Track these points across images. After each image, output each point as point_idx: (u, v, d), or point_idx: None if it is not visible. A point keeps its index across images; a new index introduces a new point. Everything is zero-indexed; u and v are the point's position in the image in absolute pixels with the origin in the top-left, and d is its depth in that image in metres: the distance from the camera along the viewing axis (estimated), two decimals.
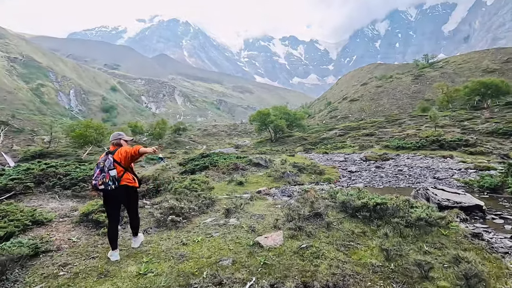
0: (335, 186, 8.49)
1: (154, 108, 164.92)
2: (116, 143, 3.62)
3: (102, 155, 3.49)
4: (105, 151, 3.51)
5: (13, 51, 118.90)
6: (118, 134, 3.71)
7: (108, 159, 3.37)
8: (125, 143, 3.68)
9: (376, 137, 32.14)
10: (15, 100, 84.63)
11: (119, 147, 3.57)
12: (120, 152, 3.51)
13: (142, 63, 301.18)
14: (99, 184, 3.27)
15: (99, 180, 3.27)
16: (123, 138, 3.70)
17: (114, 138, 3.65)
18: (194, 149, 45.05)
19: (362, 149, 20.21)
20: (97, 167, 3.36)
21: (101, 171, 3.30)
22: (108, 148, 3.64)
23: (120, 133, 3.74)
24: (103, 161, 3.39)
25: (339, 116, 64.81)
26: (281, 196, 6.93)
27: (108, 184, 3.27)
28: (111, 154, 3.44)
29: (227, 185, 8.61)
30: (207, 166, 11.57)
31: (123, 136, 3.71)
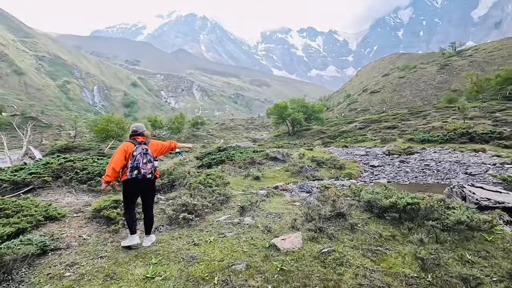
0: (356, 181, 8.05)
1: (173, 102, 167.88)
2: (143, 133, 3.57)
3: (129, 144, 3.37)
4: (134, 140, 3.42)
5: (40, 49, 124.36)
6: (142, 126, 3.68)
7: (148, 150, 3.37)
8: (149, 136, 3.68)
9: (399, 130, 30.93)
10: (43, 97, 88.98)
11: (147, 139, 3.57)
12: (153, 143, 3.57)
13: (161, 59, 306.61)
14: (148, 173, 3.28)
15: (148, 169, 3.26)
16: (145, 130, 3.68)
17: (141, 129, 3.61)
18: (212, 143, 45.34)
19: (384, 142, 19.33)
20: (141, 156, 3.27)
21: (144, 160, 3.26)
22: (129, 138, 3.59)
23: (142, 125, 3.70)
24: (143, 151, 3.33)
25: (358, 109, 62.94)
26: (299, 192, 6.61)
27: (153, 174, 3.36)
28: (146, 145, 3.42)
29: (243, 179, 8.39)
30: (223, 160, 11.41)
31: (144, 128, 3.69)
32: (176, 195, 5.79)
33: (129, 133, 3.67)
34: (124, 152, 3.27)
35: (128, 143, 3.40)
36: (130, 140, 3.49)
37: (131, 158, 3.24)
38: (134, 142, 3.38)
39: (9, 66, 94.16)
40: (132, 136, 3.54)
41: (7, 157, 17.37)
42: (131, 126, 3.65)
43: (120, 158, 3.24)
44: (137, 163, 3.21)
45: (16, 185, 5.51)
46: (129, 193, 3.36)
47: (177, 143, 3.96)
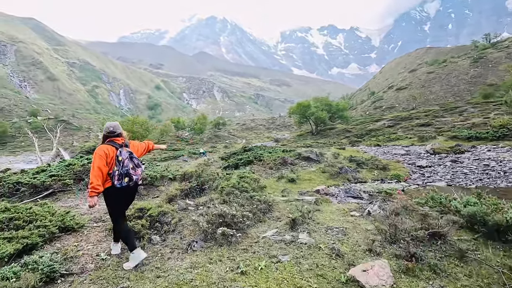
0: (408, 185, 6.97)
1: (194, 104, 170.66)
2: (118, 134, 3.08)
3: (109, 148, 2.90)
4: (113, 142, 2.97)
5: (71, 56, 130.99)
6: (119, 126, 3.17)
7: (132, 153, 2.98)
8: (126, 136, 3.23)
9: (434, 127, 28.80)
10: (74, 101, 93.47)
11: (125, 141, 3.12)
12: (134, 145, 3.24)
13: (183, 62, 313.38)
14: (139, 179, 2.96)
15: (139, 175, 2.93)
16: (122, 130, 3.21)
17: (119, 130, 3.10)
18: (234, 143, 44.97)
19: (423, 140, 17.72)
20: (129, 161, 2.86)
21: (135, 165, 2.91)
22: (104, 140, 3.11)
23: (118, 124, 3.19)
24: (128, 154, 2.91)
25: (384, 107, 60.07)
26: (345, 197, 5.69)
27: (143, 179, 3.19)
28: (126, 147, 3.02)
29: (276, 182, 7.58)
30: (251, 161, 10.66)
31: (121, 128, 3.21)
32: (206, 201, 5.08)
33: (103, 134, 3.17)
34: (105, 158, 2.82)
35: (107, 146, 2.92)
36: (107, 142, 3.00)
37: (118, 164, 2.82)
38: (114, 145, 2.95)
39: (44, 73, 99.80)
40: (108, 138, 3.04)
41: (38, 158, 17.80)
42: (106, 126, 3.10)
43: (102, 164, 2.79)
44: (127, 169, 2.82)
45: (35, 189, 5.08)
46: (116, 201, 2.95)
47: (153, 143, 3.59)
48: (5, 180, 4.97)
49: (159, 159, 21.46)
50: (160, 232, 3.39)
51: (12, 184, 4.93)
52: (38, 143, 23.72)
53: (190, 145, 39.61)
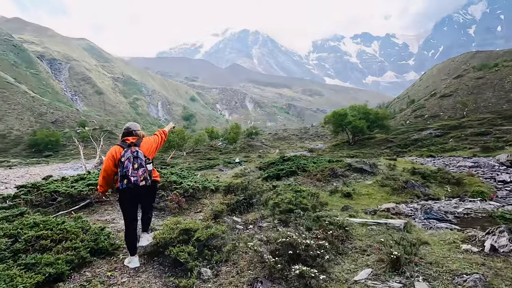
0: (500, 205, 5.59)
1: (227, 114, 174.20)
2: (136, 133, 3.11)
3: (117, 148, 2.92)
4: (124, 143, 3.00)
5: (116, 71, 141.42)
6: (137, 125, 3.23)
7: (139, 152, 2.89)
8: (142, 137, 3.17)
9: (493, 136, 25.77)
10: (117, 113, 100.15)
11: (139, 138, 3.09)
12: (146, 142, 3.11)
13: (217, 74, 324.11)
14: (141, 180, 2.81)
15: (140, 176, 2.80)
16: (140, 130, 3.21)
17: (134, 128, 3.16)
18: (267, 153, 44.23)
19: (487, 151, 15.46)
20: (129, 161, 2.81)
21: (134, 165, 2.81)
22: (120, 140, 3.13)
23: (137, 124, 3.26)
24: (133, 154, 2.84)
25: (426, 115, 55.86)
26: (426, 220, 4.55)
27: (147, 180, 2.89)
28: (137, 146, 2.95)
29: (329, 196, 6.59)
30: (294, 171, 9.75)
31: (139, 127, 3.25)
32: (256, 218, 4.29)
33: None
34: (112, 159, 2.88)
35: (117, 147, 2.96)
36: (120, 143, 3.04)
37: (120, 165, 2.82)
38: (123, 145, 2.96)
39: (92, 87, 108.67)
40: (123, 137, 3.10)
41: (83, 166, 18.52)
42: (125, 126, 3.20)
43: (108, 166, 2.87)
44: (125, 170, 2.79)
45: (72, 199, 4.70)
46: (123, 203, 2.95)
47: (164, 130, 3.57)
48: (43, 189, 4.66)
49: (195, 168, 21.36)
50: (210, 263, 2.64)
51: (49, 193, 4.60)
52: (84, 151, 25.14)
53: (224, 154, 39.64)
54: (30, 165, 31.99)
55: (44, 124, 59.24)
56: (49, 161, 38.20)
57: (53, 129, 54.26)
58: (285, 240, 2.49)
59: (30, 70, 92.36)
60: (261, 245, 2.69)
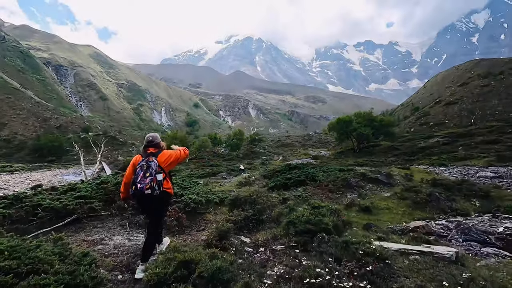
0: None
1: (230, 121, 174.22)
2: (155, 144, 3.30)
3: (138, 157, 3.26)
4: (144, 152, 3.25)
5: (121, 78, 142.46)
6: (157, 136, 3.41)
7: (154, 162, 3.08)
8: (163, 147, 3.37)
9: (504, 145, 24.96)
10: (121, 119, 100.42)
11: (159, 149, 3.29)
12: (164, 155, 3.26)
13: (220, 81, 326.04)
14: (146, 188, 2.93)
15: (146, 183, 2.93)
16: (161, 141, 3.43)
17: (155, 140, 3.35)
18: (271, 160, 43.54)
19: (504, 160, 14.73)
20: (141, 169, 3.03)
21: (146, 173, 2.98)
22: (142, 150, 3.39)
23: (157, 135, 3.44)
24: (146, 163, 3.05)
25: (431, 123, 55.03)
26: (465, 242, 3.91)
27: (154, 189, 2.97)
28: (154, 156, 3.15)
29: (345, 211, 5.95)
30: (303, 181, 9.13)
31: (160, 139, 3.43)
32: (267, 239, 3.69)
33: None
34: (132, 166, 3.21)
35: (138, 156, 3.30)
36: (141, 152, 3.36)
37: (134, 172, 3.08)
38: (143, 154, 3.27)
39: (97, 93, 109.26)
40: (144, 148, 3.34)
41: (83, 172, 18.03)
42: (146, 136, 3.38)
43: (128, 172, 3.18)
44: (135, 177, 3.02)
45: (57, 214, 4.11)
46: (137, 209, 3.22)
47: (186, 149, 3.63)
48: (25, 202, 4.09)
49: (197, 175, 20.75)
50: None
51: (31, 207, 4.03)
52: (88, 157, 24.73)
53: (227, 161, 39.04)
54: (32, 170, 31.62)
55: (48, 129, 59.15)
56: (52, 166, 37.84)
57: (57, 134, 54.15)
58: (315, 281, 1.89)
59: (37, 76, 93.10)
60: (280, 283, 2.08)
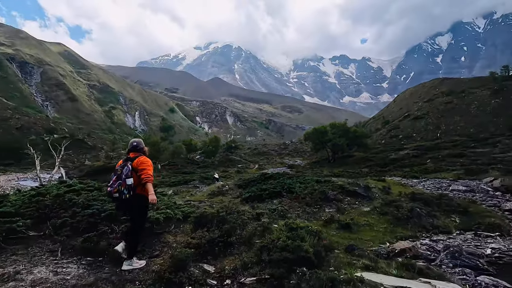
0: None
1: (206, 127, 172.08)
2: (138, 149, 3.44)
3: (120, 161, 3.41)
4: (126, 157, 3.43)
5: (93, 79, 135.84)
6: (140, 142, 3.62)
7: (127, 167, 3.27)
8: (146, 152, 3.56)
9: (469, 159, 26.23)
10: (91, 121, 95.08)
11: (140, 154, 3.44)
12: (140, 160, 3.40)
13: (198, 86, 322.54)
14: (114, 191, 3.13)
15: (114, 187, 3.13)
16: (144, 146, 3.59)
17: (139, 145, 3.50)
18: (246, 168, 42.90)
19: (471, 174, 15.25)
20: (114, 173, 3.24)
21: (118, 178, 3.18)
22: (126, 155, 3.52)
23: (141, 141, 3.65)
24: (121, 167, 3.27)
25: (400, 136, 57.85)
26: (455, 267, 3.51)
27: (123, 193, 3.13)
28: (130, 161, 3.35)
29: (323, 227, 5.45)
30: (279, 192, 8.59)
31: (143, 144, 3.60)
32: (236, 268, 3.03)
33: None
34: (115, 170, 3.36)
35: (120, 161, 3.42)
36: (124, 156, 3.48)
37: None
38: (124, 159, 3.40)
39: (65, 94, 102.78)
40: (127, 152, 3.48)
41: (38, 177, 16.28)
42: (130, 141, 3.56)
43: (112, 177, 3.29)
44: (109, 180, 3.21)
45: None
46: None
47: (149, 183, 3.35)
48: None
49: (168, 183, 19.57)
50: None
51: None
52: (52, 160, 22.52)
53: (201, 168, 37.79)
54: None
55: (8, 130, 54.28)
56: (8, 170, 34.46)
57: (17, 136, 49.82)
58: None
59: None
60: None
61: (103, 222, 3.76)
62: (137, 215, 3.33)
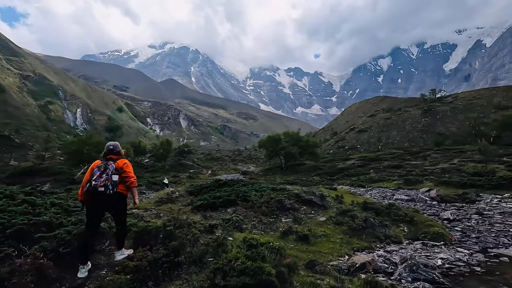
0: (469, 252, 4.98)
1: (158, 130, 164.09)
2: (115, 152, 3.60)
3: (97, 161, 3.48)
4: (104, 158, 3.51)
5: (26, 69, 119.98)
6: (117, 145, 3.72)
7: (111, 165, 3.38)
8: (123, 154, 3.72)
9: (405, 170, 28.87)
10: (22, 116, 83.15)
11: (121, 156, 3.64)
12: (124, 162, 3.53)
13: (150, 86, 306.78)
14: (100, 185, 3.19)
15: (100, 181, 3.21)
16: (121, 149, 3.74)
17: (116, 148, 3.64)
18: (199, 173, 41.52)
19: (409, 184, 16.68)
20: (98, 169, 3.33)
21: (103, 173, 3.27)
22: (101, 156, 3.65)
23: (118, 144, 3.74)
24: (104, 165, 3.37)
25: (347, 147, 62.41)
26: (411, 280, 3.46)
27: (108, 188, 3.22)
28: (113, 161, 3.45)
29: (280, 239, 5.15)
30: (234, 201, 8.12)
31: (120, 147, 3.74)
32: None
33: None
34: (91, 169, 3.38)
35: (97, 161, 3.50)
36: (101, 157, 3.57)
37: (91, 174, 3.30)
38: (102, 159, 3.49)
39: None
40: (104, 155, 3.56)
41: None
42: (106, 144, 3.65)
43: (87, 175, 3.35)
44: (92, 176, 3.26)
45: None
46: (86, 209, 3.29)
47: (135, 187, 3.64)
48: None
49: None
50: None
51: None
52: None
53: (150, 172, 35.41)
54: None
55: None
56: None
57: None
58: None
59: None
60: None
61: (8, 242, 2.86)
62: (121, 210, 3.46)
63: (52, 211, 3.72)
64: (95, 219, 3.24)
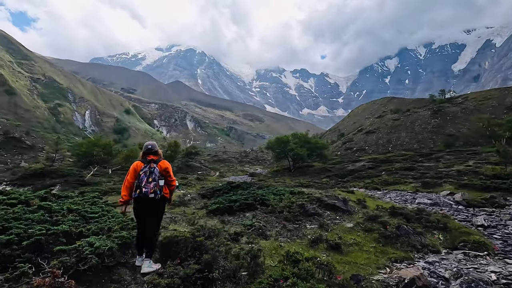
0: None
1: (165, 132, 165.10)
2: (154, 152, 3.53)
3: (138, 163, 3.43)
4: (145, 159, 3.44)
5: (37, 72, 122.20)
6: (155, 144, 3.64)
7: (155, 168, 3.34)
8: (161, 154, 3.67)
9: (418, 172, 28.11)
10: (32, 118, 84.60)
11: (161, 158, 3.58)
12: (165, 164, 3.50)
13: (157, 89, 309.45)
14: (150, 192, 3.20)
15: (150, 188, 3.21)
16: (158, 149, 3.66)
17: (154, 148, 3.57)
18: (207, 175, 41.28)
19: (427, 187, 16.08)
20: (144, 175, 3.28)
21: (149, 179, 3.25)
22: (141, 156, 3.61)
23: (155, 143, 3.67)
24: (149, 169, 3.32)
25: (354, 148, 61.43)
26: None
27: (157, 193, 3.25)
28: (155, 163, 3.39)
29: (310, 248, 4.76)
30: (252, 204, 7.76)
31: (157, 147, 3.66)
32: None
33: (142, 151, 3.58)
34: (133, 171, 3.36)
35: (138, 162, 3.44)
36: (141, 159, 3.50)
37: (137, 178, 3.28)
38: (143, 161, 3.42)
39: (2, 86, 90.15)
40: (144, 155, 3.52)
41: None
42: (144, 144, 3.59)
43: (130, 177, 3.35)
44: (140, 182, 3.24)
45: None
46: (134, 212, 3.36)
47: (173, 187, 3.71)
48: None
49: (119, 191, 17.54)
50: None
51: None
52: None
53: None
54: None
55: None
56: None
57: None
58: None
59: None
60: None
61: (25, 255, 2.55)
62: (160, 216, 3.54)
63: (70, 218, 3.42)
64: (143, 220, 3.32)
